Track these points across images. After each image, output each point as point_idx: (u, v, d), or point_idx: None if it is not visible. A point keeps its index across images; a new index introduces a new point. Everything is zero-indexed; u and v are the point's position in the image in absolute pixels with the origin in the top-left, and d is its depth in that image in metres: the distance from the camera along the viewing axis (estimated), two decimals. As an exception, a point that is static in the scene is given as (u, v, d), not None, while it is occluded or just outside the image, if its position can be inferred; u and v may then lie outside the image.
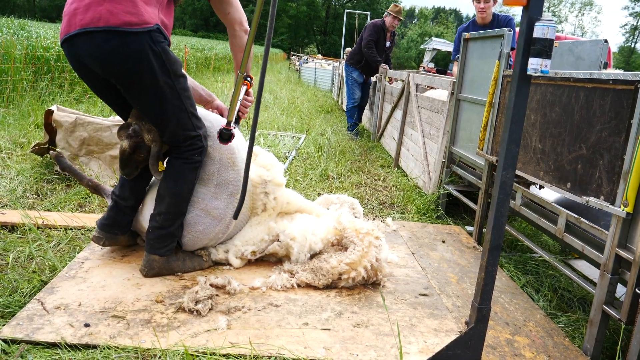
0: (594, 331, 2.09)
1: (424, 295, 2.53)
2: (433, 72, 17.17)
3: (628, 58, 59.53)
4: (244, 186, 2.19)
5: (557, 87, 2.51)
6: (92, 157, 3.95)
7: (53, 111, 3.99)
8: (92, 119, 3.96)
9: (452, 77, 4.78)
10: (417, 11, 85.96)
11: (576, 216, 2.34)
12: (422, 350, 2.01)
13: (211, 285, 2.36)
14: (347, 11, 19.45)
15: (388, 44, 7.61)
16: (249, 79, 2.68)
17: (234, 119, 2.37)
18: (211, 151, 2.57)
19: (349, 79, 7.80)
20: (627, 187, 1.93)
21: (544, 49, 1.52)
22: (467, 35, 3.88)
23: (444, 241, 3.37)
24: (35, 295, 2.18)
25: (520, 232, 3.12)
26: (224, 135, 2.37)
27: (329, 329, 2.10)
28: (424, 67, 20.73)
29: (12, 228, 2.89)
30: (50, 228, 2.94)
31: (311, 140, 6.39)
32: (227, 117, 2.34)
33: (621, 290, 2.06)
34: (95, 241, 2.57)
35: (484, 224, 3.41)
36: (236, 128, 2.57)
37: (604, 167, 2.12)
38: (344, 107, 10.63)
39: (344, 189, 4.48)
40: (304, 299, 2.36)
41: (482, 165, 3.39)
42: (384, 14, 7.51)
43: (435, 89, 5.65)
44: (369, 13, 19.03)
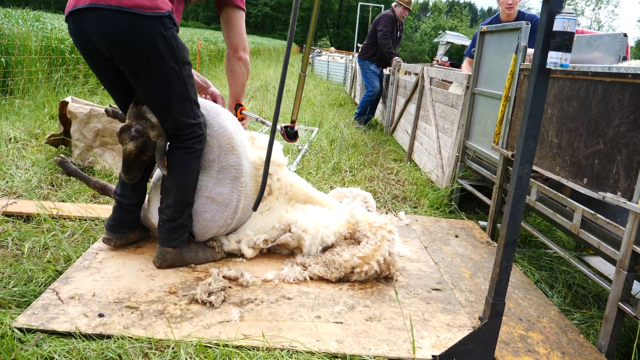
0: (609, 328, 2.07)
1: (436, 289, 2.51)
2: (447, 65, 17.05)
3: (645, 52, 58.57)
4: (264, 177, 2.18)
5: (574, 81, 2.47)
6: (106, 148, 3.98)
7: (68, 103, 4.02)
8: (106, 111, 3.99)
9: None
10: (431, 4, 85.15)
11: (592, 212, 2.31)
12: (435, 345, 2.00)
13: (224, 277, 2.36)
14: (360, 4, 19.28)
15: (398, 34, 7.57)
16: (240, 106, 2.86)
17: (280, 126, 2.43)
18: (209, 139, 2.56)
19: (366, 72, 7.72)
20: (646, 183, 1.90)
21: (564, 42, 1.49)
22: (484, 28, 3.84)
23: (457, 236, 3.35)
24: (50, 285, 2.20)
25: (535, 228, 3.09)
26: (290, 134, 2.44)
27: (341, 322, 2.10)
28: (437, 61, 20.60)
29: (28, 218, 2.92)
30: (65, 218, 2.97)
31: (324, 133, 6.38)
32: (291, 116, 2.41)
33: (637, 287, 2.03)
34: (107, 243, 2.59)
35: (498, 219, 3.38)
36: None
37: (621, 163, 2.09)
38: (357, 100, 10.56)
39: (356, 182, 4.47)
40: (316, 291, 2.36)
41: (497, 159, 3.36)
42: (394, 3, 7.45)
43: (460, 84, 5.60)
44: (382, 5, 18.84)
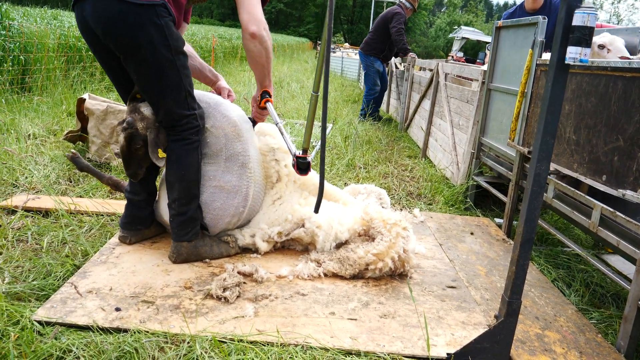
0: (628, 328, 2.04)
1: (451, 287, 2.50)
2: (462, 61, 16.92)
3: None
4: (321, 177, 2.08)
5: (593, 76, 2.43)
6: (122, 144, 4.01)
7: (85, 99, 4.06)
8: (122, 107, 4.02)
9: (482, 67, 4.67)
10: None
11: (611, 210, 2.27)
12: (450, 342, 1.99)
13: (239, 272, 2.37)
14: (374, 0, 19.21)
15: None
16: (267, 95, 2.67)
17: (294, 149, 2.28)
18: (214, 130, 2.57)
19: (370, 70, 7.74)
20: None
21: (584, 37, 1.46)
22: (500, 23, 3.80)
23: (472, 233, 3.32)
24: (68, 279, 2.24)
25: (552, 225, 3.05)
26: (302, 166, 2.32)
27: (355, 319, 2.10)
28: (452, 56, 20.45)
29: (46, 213, 2.97)
30: (82, 214, 3.00)
31: (338, 129, 6.36)
32: (303, 144, 2.25)
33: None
34: (122, 241, 2.61)
35: (514, 216, 3.34)
36: (311, 156, 2.39)
37: (642, 160, 2.05)
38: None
39: (370, 179, 4.46)
40: (330, 288, 2.36)
41: (513, 156, 3.32)
42: (404, 2, 7.53)
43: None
44: (397, 1, 18.78)
